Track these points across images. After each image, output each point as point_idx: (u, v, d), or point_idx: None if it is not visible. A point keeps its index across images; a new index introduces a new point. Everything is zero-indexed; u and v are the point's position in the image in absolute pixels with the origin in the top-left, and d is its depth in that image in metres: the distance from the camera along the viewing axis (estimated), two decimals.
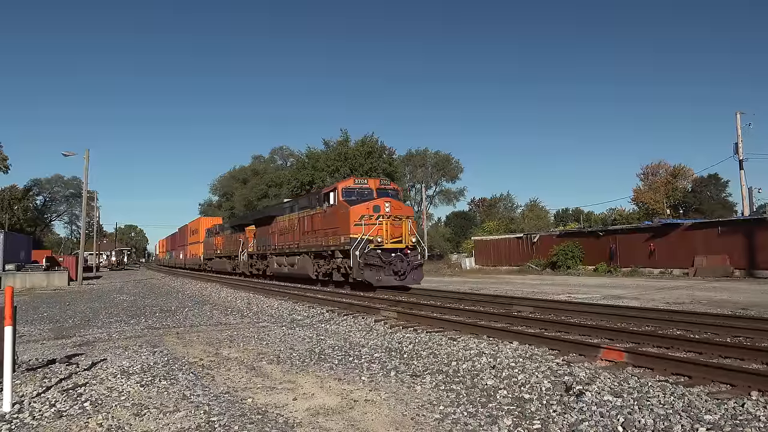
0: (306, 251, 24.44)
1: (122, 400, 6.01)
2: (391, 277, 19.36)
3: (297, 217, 25.77)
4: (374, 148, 51.97)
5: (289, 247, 26.62)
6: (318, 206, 23.35)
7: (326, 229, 22.12)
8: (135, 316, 14.66)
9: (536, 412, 5.25)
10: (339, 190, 21.37)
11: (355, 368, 7.45)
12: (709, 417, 4.89)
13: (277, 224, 28.83)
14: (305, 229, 24.44)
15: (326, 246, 22.22)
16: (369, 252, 19.39)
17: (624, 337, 9.07)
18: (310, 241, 23.87)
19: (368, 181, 21.94)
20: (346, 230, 20.23)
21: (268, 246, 30.01)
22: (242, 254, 35.70)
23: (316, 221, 23.34)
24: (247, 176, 79.57)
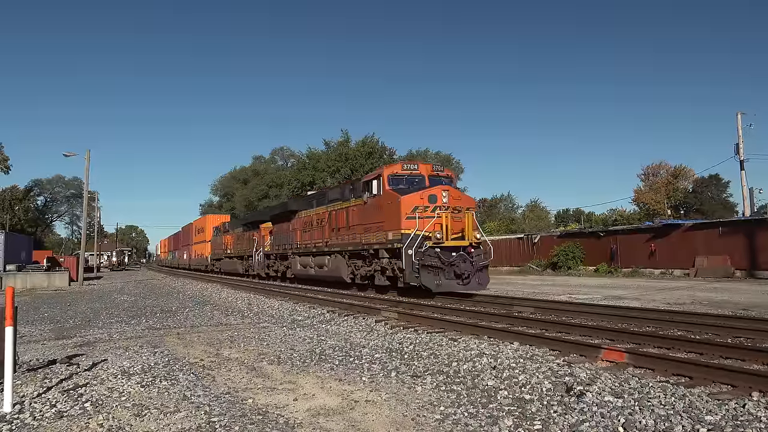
0: (339, 250, 21.22)
1: (123, 400, 6.01)
2: (452, 281, 16.28)
3: (326, 212, 22.68)
4: (375, 148, 52.04)
5: (316, 246, 23.48)
6: (353, 197, 20.24)
7: (367, 224, 18.85)
8: (136, 317, 14.67)
9: (537, 413, 5.24)
10: (384, 178, 18.01)
11: (356, 369, 7.45)
12: (710, 418, 4.89)
13: (299, 220, 25.90)
14: (338, 225, 21.32)
15: (366, 244, 18.92)
16: (426, 251, 16.22)
17: (625, 338, 9.06)
18: (345, 238, 20.71)
19: (419, 167, 18.53)
20: (396, 225, 17.00)
21: (289, 245, 27.10)
22: (257, 254, 32.73)
23: (352, 215, 20.11)
24: (248, 177, 79.65)
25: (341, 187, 22.63)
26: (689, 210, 69.40)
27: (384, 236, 17.76)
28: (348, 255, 20.67)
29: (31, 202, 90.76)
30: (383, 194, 17.98)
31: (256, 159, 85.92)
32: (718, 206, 66.86)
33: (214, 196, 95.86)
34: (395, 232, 17.08)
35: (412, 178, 18.12)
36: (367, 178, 19.47)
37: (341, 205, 21.30)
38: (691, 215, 62.86)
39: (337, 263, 21.45)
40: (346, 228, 20.65)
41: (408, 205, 16.83)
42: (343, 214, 21.01)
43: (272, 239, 30.24)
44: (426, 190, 17.18)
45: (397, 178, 18.06)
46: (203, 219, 55.75)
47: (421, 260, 16.14)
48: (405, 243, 16.34)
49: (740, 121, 34.96)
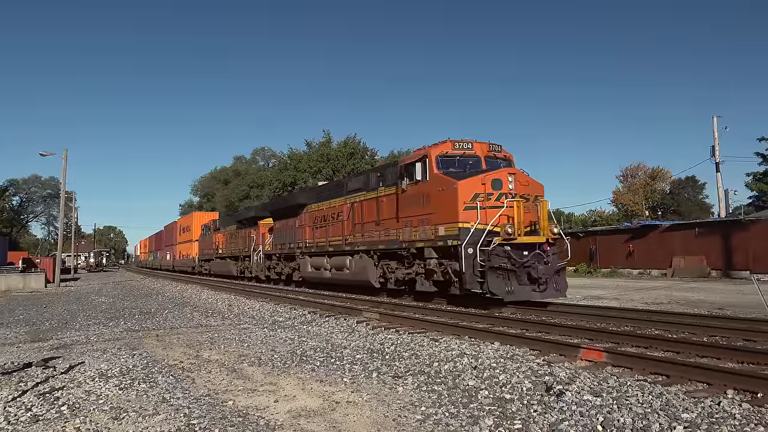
0: (366, 249, 18.05)
1: (100, 403, 5.93)
2: (526, 287, 13.07)
3: (345, 204, 19.74)
4: (357, 149, 52.02)
5: (333, 244, 20.38)
6: (383, 186, 17.36)
7: (407, 216, 15.84)
8: (114, 319, 14.48)
9: (517, 412, 5.28)
10: (432, 160, 14.83)
11: (337, 370, 7.44)
12: (686, 415, 4.96)
13: (308, 215, 22.91)
14: (363, 219, 18.32)
15: (406, 241, 15.83)
16: (494, 249, 13.03)
17: (604, 337, 9.16)
18: (374, 235, 17.61)
19: (474, 146, 15.16)
20: (450, 216, 13.86)
21: (295, 243, 24.00)
22: (255, 254, 29.73)
23: (384, 207, 17.11)
24: (229, 177, 79.16)
25: (365, 175, 19.28)
26: (666, 211, 70.36)
27: (432, 231, 14.71)
28: (378, 255, 17.64)
29: (7, 202, 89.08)
30: (431, 179, 14.79)
31: (237, 159, 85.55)
32: (695, 207, 67.87)
33: (194, 196, 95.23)
34: (449, 225, 13.94)
35: (466, 160, 14.95)
36: (406, 161, 16.30)
37: (366, 196, 18.29)
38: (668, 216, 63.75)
39: (363, 265, 18.21)
40: (374, 223, 17.65)
41: (467, 193, 13.66)
42: (370, 205, 17.98)
43: (274, 237, 27.31)
44: (488, 174, 13.94)
45: (447, 160, 14.86)
46: (189, 217, 52.07)
47: (488, 260, 12.98)
48: (464, 239, 13.22)
49: (716, 124, 35.66)
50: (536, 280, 13.05)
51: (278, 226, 26.54)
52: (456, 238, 13.57)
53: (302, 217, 23.57)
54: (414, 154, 16.16)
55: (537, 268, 13.00)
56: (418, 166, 15.18)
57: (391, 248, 16.67)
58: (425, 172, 15.04)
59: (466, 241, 13.20)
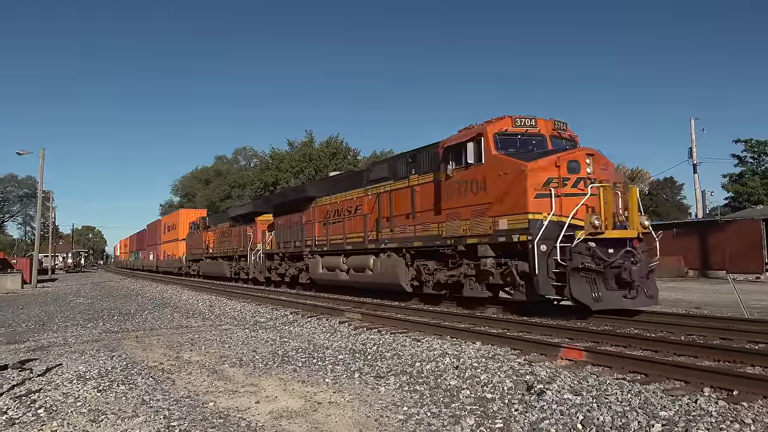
0: (396, 247, 15.76)
1: (78, 406, 5.85)
2: (615, 292, 10.83)
3: (367, 196, 17.59)
4: (339, 149, 51.98)
5: (351, 242, 18.28)
6: (416, 173, 15.21)
7: (453, 208, 13.39)
8: (92, 320, 14.28)
9: (498, 412, 5.31)
10: (489, 138, 12.48)
11: (319, 370, 7.42)
12: (664, 413, 5.03)
13: (318, 209, 20.91)
14: (392, 212, 16.04)
15: (452, 236, 13.43)
16: (577, 246, 10.80)
17: (584, 337, 9.26)
18: (406, 230, 15.42)
19: (537, 122, 12.83)
20: (517, 206, 11.61)
21: (302, 241, 21.80)
22: (253, 254, 27.43)
23: (421, 197, 14.83)
24: (210, 177, 78.58)
25: (392, 162, 17.13)
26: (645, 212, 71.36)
27: (489, 224, 12.31)
28: (412, 253, 15.33)
29: None
30: (488, 162, 12.48)
31: (219, 159, 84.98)
32: (673, 208, 68.84)
33: (174, 196, 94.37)
34: (515, 217, 11.69)
35: (528, 140, 12.71)
36: (451, 142, 13.65)
37: (394, 186, 16.20)
38: None
39: (391, 265, 15.88)
40: (405, 216, 15.48)
41: (539, 177, 11.47)
42: (401, 196, 15.79)
43: (276, 235, 24.90)
44: (562, 155, 11.72)
45: (507, 139, 12.60)
46: (175, 214, 49.14)
47: (570, 260, 10.73)
48: (537, 234, 11.02)
49: (693, 126, 36.26)
50: (628, 284, 10.83)
51: (281, 222, 24.27)
52: (525, 233, 11.34)
53: (310, 212, 21.47)
54: (461, 134, 13.49)
55: (630, 270, 10.74)
56: (470, 147, 12.74)
57: (431, 245, 14.33)
58: (480, 154, 12.64)
59: (539, 235, 10.98)
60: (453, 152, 13.53)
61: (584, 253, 10.83)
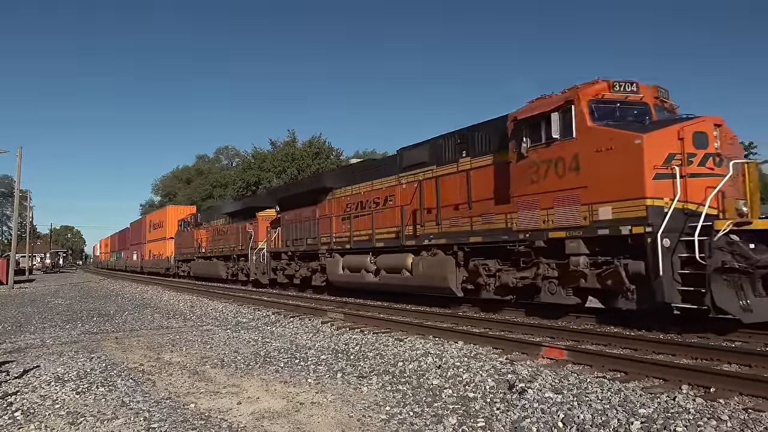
0: (446, 243, 13.58)
1: (56, 408, 5.77)
2: (764, 299, 8.65)
3: (401, 185, 15.55)
4: (322, 148, 51.85)
5: (382, 238, 16.07)
6: (473, 155, 13.10)
7: (529, 195, 11.20)
8: (71, 321, 14.09)
9: (480, 411, 5.34)
10: (583, 105, 10.24)
11: (302, 371, 7.40)
12: (643, 411, 5.10)
13: (337, 202, 18.81)
14: (437, 203, 13.86)
15: (529, 230, 11.21)
16: (718, 241, 8.55)
17: (565, 336, 9.34)
18: (459, 222, 13.26)
19: (639, 87, 10.52)
20: (628, 189, 9.38)
21: (317, 238, 19.46)
22: (254, 253, 24.98)
23: (479, 183, 12.68)
24: (191, 176, 77.96)
25: (434, 144, 14.61)
26: None
27: (583, 214, 10.11)
28: (466, 251, 13.03)
29: None
30: (582, 135, 10.17)
31: (200, 158, 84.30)
32: None
33: (155, 195, 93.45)
34: (625, 204, 9.41)
35: (629, 108, 10.44)
36: (528, 113, 11.25)
37: (439, 171, 14.08)
38: None
39: (437, 265, 13.64)
40: (455, 207, 13.39)
41: (658, 153, 9.28)
42: (450, 184, 13.62)
43: (283, 231, 22.45)
44: (687, 124, 9.52)
45: (604, 107, 10.37)
46: (162, 211, 46.41)
47: (710, 258, 8.49)
48: (659, 225, 8.89)
49: None
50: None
51: (288, 217, 21.96)
52: (640, 223, 9.12)
53: (325, 205, 19.32)
54: (539, 104, 11.22)
55: None
56: (555, 118, 10.50)
57: (494, 241, 12.10)
58: (569, 126, 10.42)
59: (663, 227, 8.85)
60: (528, 126, 11.22)
61: (725, 249, 8.61)
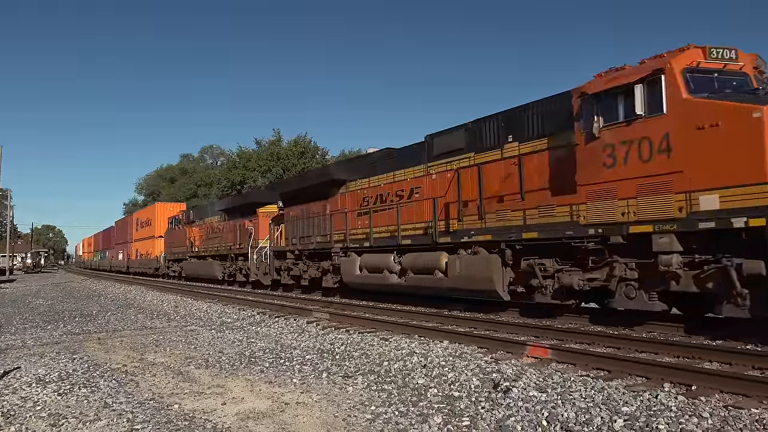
0: (491, 240, 11.98)
1: (38, 410, 5.69)
2: None
3: (431, 174, 14.09)
4: (307, 148, 51.72)
5: (408, 235, 14.56)
6: (521, 140, 11.70)
7: (601, 183, 9.70)
8: (52, 322, 13.92)
9: (465, 410, 5.36)
10: (676, 75, 8.81)
11: (287, 371, 7.37)
12: (626, 409, 5.15)
13: (351, 195, 17.30)
14: (479, 194, 12.28)
15: (602, 223, 9.68)
16: None
17: (549, 334, 9.41)
18: (508, 216, 11.79)
19: (739, 56, 9.17)
20: (744, 173, 8.00)
21: (330, 235, 17.89)
22: (257, 251, 23.19)
23: (536, 169, 11.22)
24: (175, 175, 77.32)
25: (471, 129, 13.19)
26: None
27: (678, 203, 8.70)
28: (516, 248, 11.50)
29: None
30: (676, 110, 8.75)
31: (185, 157, 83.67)
32: None
33: (138, 195, 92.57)
34: (738, 191, 8.04)
35: (728, 79, 9.14)
36: (602, 86, 9.75)
37: (479, 159, 12.63)
38: None
39: (480, 265, 12.06)
40: (499, 199, 12.02)
41: None
42: (494, 172, 12.16)
43: (287, 229, 20.87)
44: None
45: (700, 77, 9.00)
46: (150, 208, 44.33)
47: None
48: None
49: None
50: None
51: (294, 213, 20.37)
52: (761, 214, 7.71)
53: (338, 200, 17.79)
54: (619, 74, 9.66)
55: None
56: (638, 91, 9.09)
57: (555, 237, 10.51)
58: (659, 100, 8.97)
59: None
60: (602, 102, 9.74)
61: None
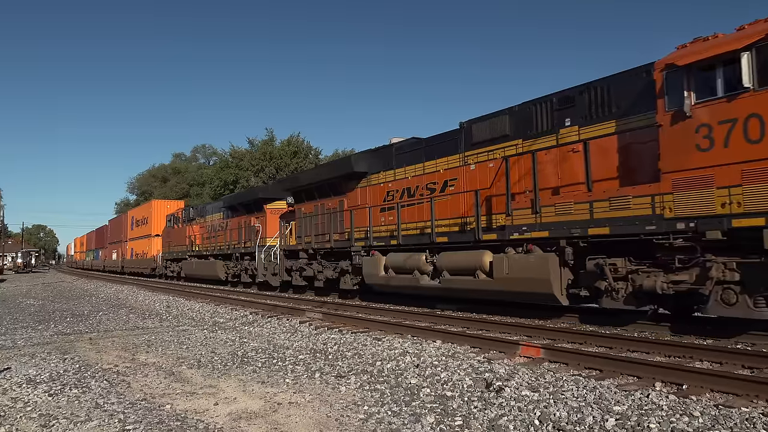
0: (549, 237, 10.53)
1: (28, 411, 5.66)
2: None
3: (469, 165, 12.79)
4: (300, 147, 51.65)
5: (443, 231, 13.14)
6: (576, 122, 10.76)
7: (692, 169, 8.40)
8: (43, 322, 13.83)
9: (458, 409, 5.37)
10: None
11: (279, 371, 7.36)
12: (617, 408, 5.17)
13: (373, 189, 16.04)
14: (535, 186, 10.72)
15: (699, 215, 8.32)
16: None
17: (542, 334, 9.43)
18: (569, 209, 10.16)
19: None
20: None
21: (346, 232, 16.64)
22: (263, 251, 21.75)
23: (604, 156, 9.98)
24: (168, 175, 77.03)
25: (521, 113, 11.99)
26: None
27: None
28: (580, 245, 10.05)
29: None
30: None
31: (177, 156, 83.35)
32: None
33: (130, 194, 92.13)
34: None
35: None
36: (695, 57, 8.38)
37: (530, 145, 11.46)
38: None
39: (534, 264, 10.75)
40: (553, 191, 10.86)
41: None
42: (548, 161, 10.96)
43: (299, 226, 19.48)
44: None
45: None
46: (147, 206, 42.84)
47: None
48: None
49: None
50: None
51: (307, 209, 19.13)
52: None
53: (358, 194, 16.59)
54: (717, 42, 8.35)
55: None
56: (746, 59, 7.83)
57: (632, 233, 9.15)
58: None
59: None
60: (694, 75, 8.50)
61: None
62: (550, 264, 10.45)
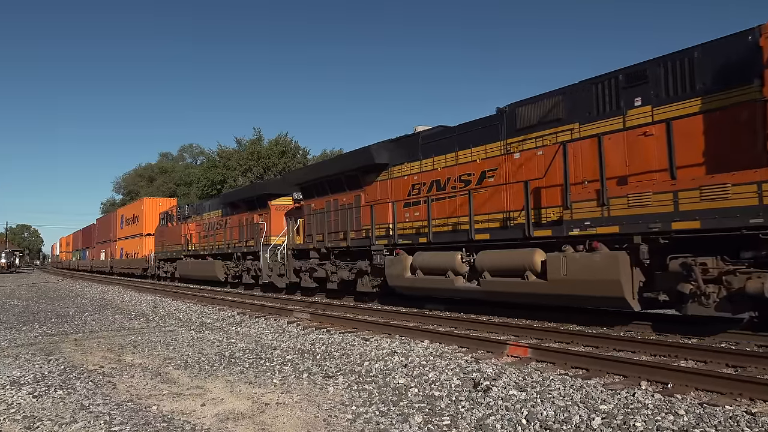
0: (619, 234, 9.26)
1: (12, 413, 5.59)
2: None
3: (513, 154, 11.45)
4: (288, 147, 51.50)
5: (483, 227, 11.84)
6: (648, 102, 9.31)
7: None
8: (27, 323, 13.68)
9: (446, 409, 5.38)
10: None
11: (267, 371, 7.34)
12: (604, 407, 5.21)
13: (395, 183, 14.51)
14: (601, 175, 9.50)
15: None
16: None
17: (529, 333, 9.48)
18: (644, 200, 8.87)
19: None
20: None
21: (365, 230, 15.31)
22: (268, 250, 20.17)
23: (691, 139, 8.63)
24: (154, 174, 76.52)
25: (578, 93, 10.46)
26: None
27: None
28: (659, 242, 8.78)
29: None
30: None
31: (164, 156, 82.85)
32: None
33: (116, 194, 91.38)
34: None
35: None
36: None
37: (593, 129, 9.99)
38: None
39: (601, 265, 9.39)
40: (619, 180, 9.54)
41: None
42: (614, 146, 9.58)
43: (308, 224, 18.25)
44: None
45: None
46: (137, 204, 41.14)
47: None
48: None
49: None
50: None
51: (318, 205, 17.74)
52: None
53: (377, 188, 15.10)
54: None
55: None
56: None
57: (733, 226, 7.80)
58: None
59: None
60: None
61: None
62: (621, 264, 9.10)
